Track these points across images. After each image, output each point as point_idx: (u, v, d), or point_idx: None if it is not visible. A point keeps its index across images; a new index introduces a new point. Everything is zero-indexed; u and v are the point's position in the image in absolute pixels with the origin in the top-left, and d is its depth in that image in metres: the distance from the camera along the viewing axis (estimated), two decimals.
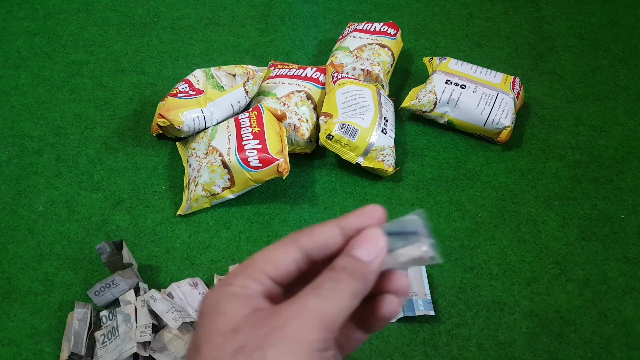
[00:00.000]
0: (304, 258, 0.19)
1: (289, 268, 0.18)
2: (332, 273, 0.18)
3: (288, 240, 0.19)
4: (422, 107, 0.65)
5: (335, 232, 0.19)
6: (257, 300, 0.17)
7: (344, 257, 0.18)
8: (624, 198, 0.60)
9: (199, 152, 0.57)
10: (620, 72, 0.76)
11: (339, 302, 0.17)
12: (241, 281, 0.18)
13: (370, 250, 0.18)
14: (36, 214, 0.56)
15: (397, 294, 0.19)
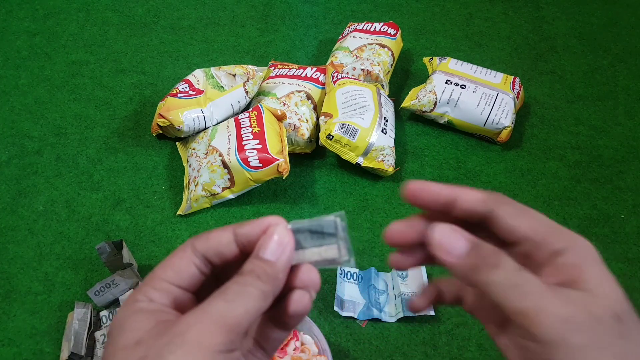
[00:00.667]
0: (204, 261, 0.19)
1: (190, 272, 0.19)
2: (239, 277, 0.18)
3: (185, 245, 0.19)
4: (422, 107, 0.65)
5: (228, 237, 0.19)
6: (163, 313, 0.18)
7: (251, 260, 0.18)
8: (623, 198, 0.60)
9: (199, 152, 0.57)
10: (620, 72, 0.76)
11: (244, 305, 0.17)
12: (145, 294, 0.18)
13: (276, 250, 0.18)
14: (36, 214, 0.56)
15: (305, 289, 0.19)
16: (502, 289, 0.17)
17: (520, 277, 0.17)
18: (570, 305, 0.17)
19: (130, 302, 0.18)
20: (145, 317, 0.17)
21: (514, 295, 0.17)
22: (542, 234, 0.19)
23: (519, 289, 0.17)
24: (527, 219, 0.19)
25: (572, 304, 0.17)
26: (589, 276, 0.17)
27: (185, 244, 0.19)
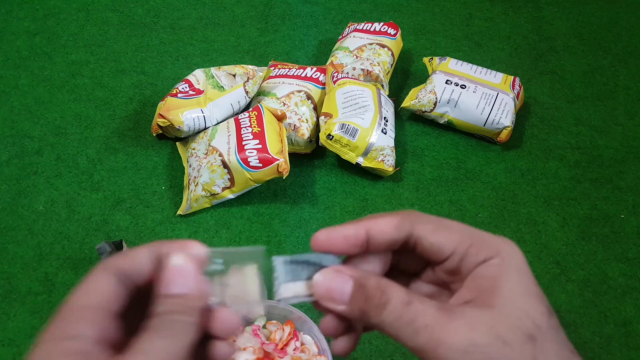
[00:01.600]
0: (123, 281, 0.17)
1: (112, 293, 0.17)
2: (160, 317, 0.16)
3: (95, 269, 0.17)
4: (422, 107, 0.65)
5: (146, 256, 0.17)
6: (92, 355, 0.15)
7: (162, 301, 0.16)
8: (623, 198, 0.60)
9: (199, 152, 0.58)
10: (620, 72, 0.76)
11: (181, 339, 0.16)
12: (72, 329, 0.16)
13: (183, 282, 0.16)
14: (36, 214, 0.56)
15: (224, 337, 0.17)
16: (396, 329, 0.16)
17: (410, 312, 0.16)
18: (473, 331, 0.15)
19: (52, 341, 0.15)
20: None
21: (408, 334, 0.16)
22: (465, 246, 0.17)
23: (412, 326, 0.16)
24: (446, 233, 0.18)
25: (475, 329, 0.15)
26: (504, 290, 0.16)
27: (98, 267, 0.17)
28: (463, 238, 0.18)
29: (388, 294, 0.16)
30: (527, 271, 0.17)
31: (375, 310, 0.16)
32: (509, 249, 0.17)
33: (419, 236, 0.18)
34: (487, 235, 0.18)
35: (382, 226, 0.18)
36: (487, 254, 0.17)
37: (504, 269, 0.17)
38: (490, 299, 0.16)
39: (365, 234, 0.18)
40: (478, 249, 0.17)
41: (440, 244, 0.18)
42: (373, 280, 0.17)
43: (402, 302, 0.16)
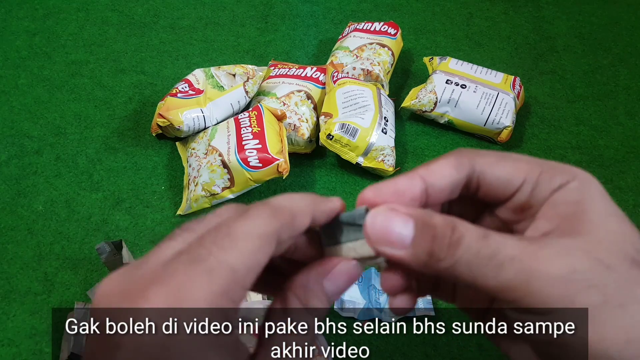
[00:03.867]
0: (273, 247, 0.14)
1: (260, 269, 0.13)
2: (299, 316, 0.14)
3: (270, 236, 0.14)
4: (422, 107, 0.65)
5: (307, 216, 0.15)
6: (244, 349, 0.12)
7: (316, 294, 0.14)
8: (624, 198, 0.60)
9: (199, 152, 0.57)
10: (620, 72, 0.76)
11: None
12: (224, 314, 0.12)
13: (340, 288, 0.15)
14: (36, 214, 0.56)
15: None
16: (474, 268, 0.13)
17: (490, 245, 0.13)
18: (569, 257, 0.13)
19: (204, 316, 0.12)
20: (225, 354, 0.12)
21: (490, 270, 0.13)
22: (535, 173, 0.15)
23: (495, 260, 0.13)
24: (511, 162, 0.15)
25: (572, 255, 0.13)
26: (592, 214, 0.14)
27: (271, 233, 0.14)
28: (531, 166, 0.15)
29: (460, 230, 0.14)
30: (608, 197, 0.14)
31: (448, 250, 0.14)
32: (584, 174, 0.15)
33: (482, 171, 0.15)
34: (558, 163, 0.15)
35: (440, 170, 0.15)
36: (563, 179, 0.14)
37: (586, 191, 0.14)
38: (577, 225, 0.14)
39: (423, 184, 0.15)
40: (551, 174, 0.15)
41: (508, 175, 0.15)
42: (439, 218, 0.14)
43: (478, 236, 0.13)
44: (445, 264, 0.14)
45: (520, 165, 0.15)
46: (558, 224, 0.14)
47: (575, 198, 0.14)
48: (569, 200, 0.14)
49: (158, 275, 0.12)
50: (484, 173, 0.15)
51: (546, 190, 0.15)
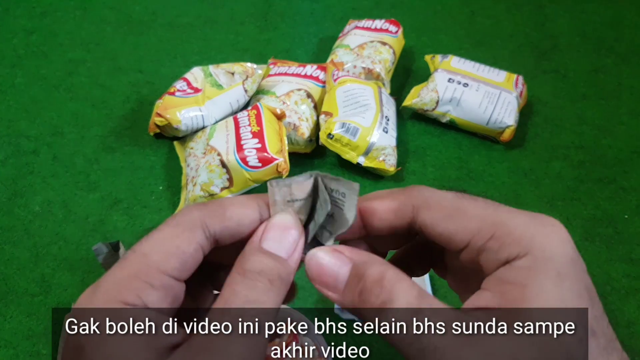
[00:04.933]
0: (211, 243, 0.14)
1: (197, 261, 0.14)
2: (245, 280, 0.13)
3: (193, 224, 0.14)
4: (424, 106, 0.64)
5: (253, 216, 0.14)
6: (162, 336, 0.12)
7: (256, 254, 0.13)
8: (627, 198, 0.60)
9: (197, 152, 0.57)
10: (624, 71, 0.75)
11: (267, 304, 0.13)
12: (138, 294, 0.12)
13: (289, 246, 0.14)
14: (32, 214, 0.55)
15: None
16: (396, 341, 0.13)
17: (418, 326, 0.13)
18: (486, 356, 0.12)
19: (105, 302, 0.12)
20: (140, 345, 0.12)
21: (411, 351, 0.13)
22: (483, 238, 0.14)
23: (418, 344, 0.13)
24: (459, 220, 0.14)
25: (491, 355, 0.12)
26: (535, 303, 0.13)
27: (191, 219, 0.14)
28: (482, 226, 0.14)
29: (391, 294, 0.13)
30: (571, 272, 0.13)
31: (371, 312, 0.13)
32: (544, 242, 0.13)
33: (425, 224, 0.14)
34: (516, 221, 0.14)
35: (380, 213, 0.15)
36: (512, 251, 0.13)
37: (534, 274, 0.13)
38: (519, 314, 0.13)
39: (361, 221, 0.15)
40: (500, 243, 0.13)
41: (450, 235, 0.14)
42: (375, 270, 0.13)
43: (407, 309, 0.13)
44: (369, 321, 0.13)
45: (467, 226, 0.14)
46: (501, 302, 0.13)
47: (521, 280, 0.13)
48: (517, 280, 0.13)
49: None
50: (426, 227, 0.14)
51: (492, 261, 0.13)
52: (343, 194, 0.15)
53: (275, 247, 0.14)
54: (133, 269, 0.13)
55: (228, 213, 0.14)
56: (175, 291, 0.13)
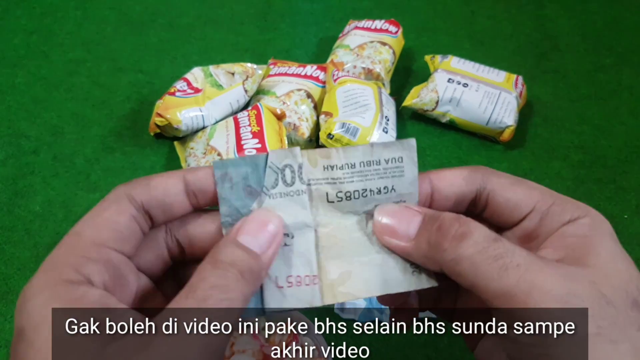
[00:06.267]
0: (144, 217, 0.14)
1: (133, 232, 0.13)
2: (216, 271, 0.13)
3: (118, 195, 0.14)
4: (423, 106, 0.64)
5: (177, 186, 0.14)
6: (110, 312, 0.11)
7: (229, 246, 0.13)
8: (627, 198, 0.60)
9: (197, 152, 0.57)
10: (624, 71, 0.75)
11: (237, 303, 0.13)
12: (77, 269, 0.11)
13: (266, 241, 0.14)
14: (33, 214, 0.55)
15: None
16: (477, 264, 0.13)
17: (498, 247, 0.13)
18: (573, 282, 0.13)
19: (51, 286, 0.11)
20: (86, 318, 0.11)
21: (493, 271, 0.13)
22: (547, 203, 0.15)
23: (499, 262, 0.13)
24: (524, 188, 0.15)
25: (576, 281, 0.13)
26: (600, 250, 0.14)
27: (116, 193, 0.14)
28: (544, 196, 0.15)
29: (469, 226, 0.13)
30: (617, 240, 0.15)
31: (452, 241, 0.13)
32: (597, 214, 0.15)
33: (493, 190, 0.15)
34: (571, 199, 0.15)
35: (450, 177, 0.16)
36: (574, 214, 0.15)
37: (597, 228, 0.14)
38: (584, 258, 0.14)
39: (430, 187, 0.16)
40: (562, 207, 0.15)
41: (518, 200, 0.15)
42: (449, 214, 0.14)
43: (487, 236, 0.13)
44: (448, 254, 0.13)
45: (533, 193, 0.15)
46: (565, 255, 0.14)
47: (585, 233, 0.14)
48: (579, 234, 0.14)
49: None
50: (495, 193, 0.15)
51: (556, 222, 0.15)
52: (400, 159, 0.15)
53: (250, 242, 0.14)
54: (68, 247, 0.13)
55: (152, 183, 0.15)
56: (117, 264, 0.13)
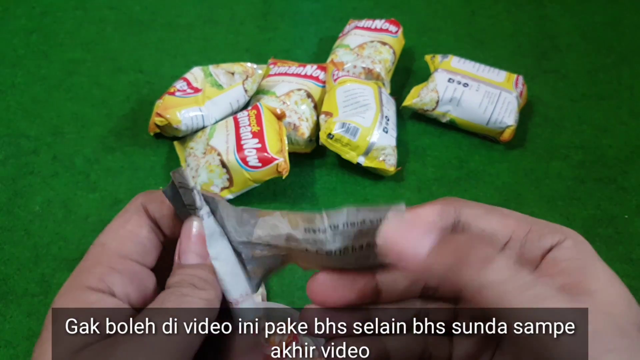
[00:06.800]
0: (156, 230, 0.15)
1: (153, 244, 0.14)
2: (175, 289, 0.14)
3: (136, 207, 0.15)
4: (424, 106, 0.64)
5: None
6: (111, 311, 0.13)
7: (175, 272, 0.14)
8: (627, 198, 0.60)
9: (197, 152, 0.57)
10: (624, 71, 0.75)
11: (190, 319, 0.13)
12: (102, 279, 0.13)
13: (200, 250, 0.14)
14: (32, 214, 0.55)
15: None
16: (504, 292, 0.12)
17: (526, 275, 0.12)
18: (591, 316, 0.12)
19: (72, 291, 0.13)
20: None
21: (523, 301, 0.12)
22: (523, 231, 0.14)
23: (530, 292, 0.12)
24: (499, 217, 0.15)
25: (592, 314, 0.13)
26: (597, 274, 0.14)
27: (136, 205, 0.14)
28: (519, 223, 0.14)
29: (492, 250, 0.13)
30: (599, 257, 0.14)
31: (475, 264, 0.12)
32: (575, 233, 0.14)
33: (467, 222, 0.14)
34: (546, 222, 0.15)
35: (425, 215, 0.14)
36: (554, 238, 0.14)
37: (582, 251, 0.14)
38: (585, 284, 0.13)
39: None
40: (540, 233, 0.14)
41: (493, 230, 0.14)
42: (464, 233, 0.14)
43: (512, 262, 0.12)
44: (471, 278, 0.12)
45: (507, 222, 0.14)
46: (564, 282, 0.13)
47: (574, 256, 0.14)
48: (568, 257, 0.14)
49: None
50: (469, 225, 0.15)
51: (537, 249, 0.14)
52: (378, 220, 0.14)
53: (190, 258, 0.14)
54: (95, 257, 0.14)
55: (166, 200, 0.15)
56: (141, 277, 0.14)
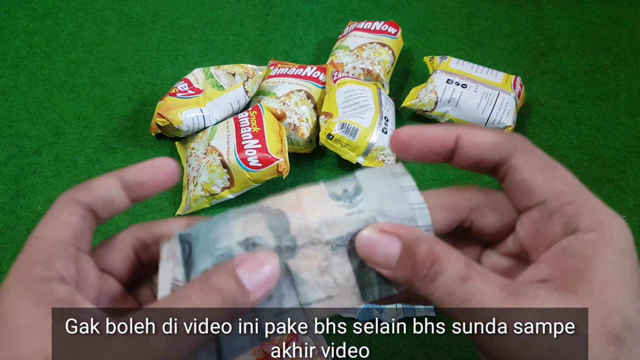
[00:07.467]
0: (92, 216, 0.16)
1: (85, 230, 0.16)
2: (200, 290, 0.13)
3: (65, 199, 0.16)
4: (422, 107, 0.65)
5: (115, 184, 0.16)
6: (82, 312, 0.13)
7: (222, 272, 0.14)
8: (625, 198, 0.60)
9: (198, 152, 0.57)
10: (621, 72, 0.76)
11: None
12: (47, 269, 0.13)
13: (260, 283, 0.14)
14: (35, 214, 0.55)
15: None
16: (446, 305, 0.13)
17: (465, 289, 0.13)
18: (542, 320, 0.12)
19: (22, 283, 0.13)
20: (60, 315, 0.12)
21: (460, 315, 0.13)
22: (563, 199, 0.14)
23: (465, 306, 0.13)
24: (548, 175, 0.14)
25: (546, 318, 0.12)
26: (596, 275, 0.13)
27: (63, 199, 0.15)
28: (566, 189, 0.14)
29: (440, 265, 0.14)
30: (631, 256, 0.13)
31: (423, 282, 0.14)
32: (613, 224, 0.14)
33: (515, 167, 0.14)
34: (595, 200, 0.14)
35: (478, 139, 0.15)
36: (584, 223, 0.14)
37: (601, 248, 0.13)
38: (575, 284, 0.13)
39: (455, 142, 0.16)
40: (577, 209, 0.14)
41: (533, 186, 0.14)
42: (425, 246, 0.14)
43: (456, 276, 0.13)
44: (421, 292, 0.14)
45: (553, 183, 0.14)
46: (557, 276, 0.13)
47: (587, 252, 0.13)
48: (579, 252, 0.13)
49: None
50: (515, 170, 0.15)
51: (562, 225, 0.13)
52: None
53: (244, 276, 0.14)
54: (34, 249, 0.14)
55: (92, 185, 0.16)
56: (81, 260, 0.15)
